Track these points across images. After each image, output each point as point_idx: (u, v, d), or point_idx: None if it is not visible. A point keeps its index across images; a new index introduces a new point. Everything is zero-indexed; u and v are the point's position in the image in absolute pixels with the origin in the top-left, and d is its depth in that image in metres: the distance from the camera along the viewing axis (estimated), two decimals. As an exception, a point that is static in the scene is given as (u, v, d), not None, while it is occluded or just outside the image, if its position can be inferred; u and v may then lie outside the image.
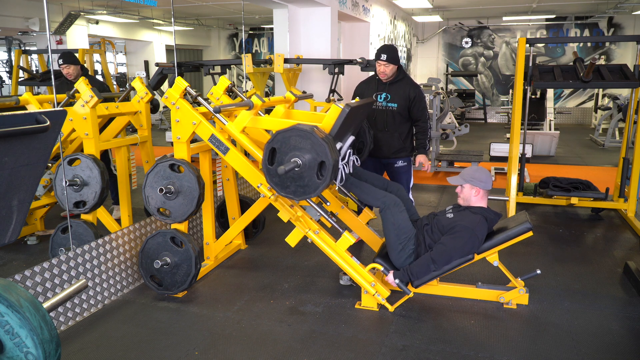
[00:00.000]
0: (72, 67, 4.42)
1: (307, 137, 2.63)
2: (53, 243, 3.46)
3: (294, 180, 2.72)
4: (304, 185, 2.71)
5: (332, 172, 2.64)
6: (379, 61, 3.78)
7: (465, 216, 3.00)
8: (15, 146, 1.27)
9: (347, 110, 2.78)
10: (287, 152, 2.70)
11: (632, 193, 4.79)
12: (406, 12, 11.75)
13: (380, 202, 3.09)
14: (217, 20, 12.99)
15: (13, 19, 5.72)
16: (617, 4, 10.36)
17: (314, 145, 2.62)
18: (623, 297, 3.20)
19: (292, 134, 2.67)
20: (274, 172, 2.76)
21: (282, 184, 2.76)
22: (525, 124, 5.35)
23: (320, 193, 2.74)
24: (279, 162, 2.73)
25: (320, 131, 2.66)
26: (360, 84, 4.09)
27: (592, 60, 4.42)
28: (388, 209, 3.06)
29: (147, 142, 4.11)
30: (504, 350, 2.59)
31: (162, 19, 9.78)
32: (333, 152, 2.64)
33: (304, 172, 2.68)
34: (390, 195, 3.13)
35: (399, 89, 3.86)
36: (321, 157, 2.63)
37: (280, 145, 2.71)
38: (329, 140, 2.65)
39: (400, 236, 3.02)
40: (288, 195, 2.77)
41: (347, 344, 2.65)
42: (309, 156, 2.65)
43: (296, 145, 2.66)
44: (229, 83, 3.63)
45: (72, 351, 2.60)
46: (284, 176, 2.71)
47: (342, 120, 2.80)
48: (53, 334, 1.25)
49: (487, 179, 3.07)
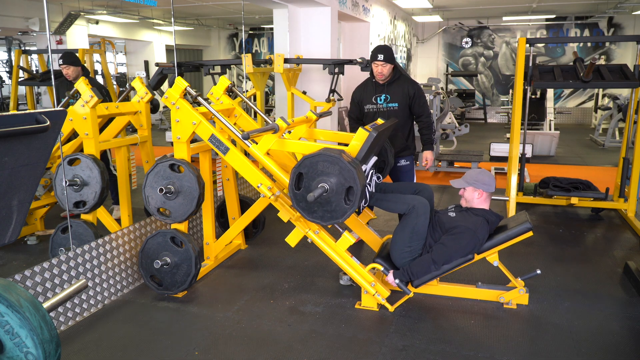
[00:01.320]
0: (71, 68, 4.39)
1: (335, 163, 2.61)
2: (53, 243, 3.46)
3: (321, 205, 2.70)
4: (332, 210, 2.69)
5: (360, 197, 2.62)
6: (376, 62, 3.73)
7: (467, 217, 3.00)
8: (15, 146, 1.27)
9: (374, 135, 2.78)
10: (314, 177, 2.67)
11: (632, 193, 4.79)
12: (406, 12, 11.75)
13: (410, 206, 3.02)
14: (217, 20, 12.99)
15: (13, 19, 5.72)
16: (617, 4, 10.36)
17: (342, 170, 2.61)
18: (623, 297, 3.20)
19: (319, 159, 2.65)
20: (301, 197, 2.73)
21: (309, 209, 2.74)
22: (525, 124, 5.35)
23: (348, 218, 2.71)
24: (306, 187, 2.70)
25: (347, 155, 2.65)
26: (356, 90, 4.01)
27: (592, 60, 4.42)
28: (415, 211, 2.99)
29: (147, 142, 4.11)
30: (504, 350, 2.59)
31: (162, 19, 9.78)
32: (361, 176, 2.63)
33: (332, 197, 2.66)
34: (419, 198, 3.05)
35: (397, 89, 3.83)
36: (349, 183, 2.61)
37: (308, 170, 2.68)
38: (357, 165, 2.64)
39: (413, 240, 3.00)
40: (315, 220, 2.75)
41: (347, 344, 2.65)
42: (336, 181, 2.63)
43: (323, 171, 2.64)
44: (229, 83, 3.64)
45: (72, 351, 2.60)
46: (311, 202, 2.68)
47: (369, 144, 2.80)
48: (53, 334, 1.25)
49: (491, 182, 3.07)
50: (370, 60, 3.79)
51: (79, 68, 4.47)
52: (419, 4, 10.09)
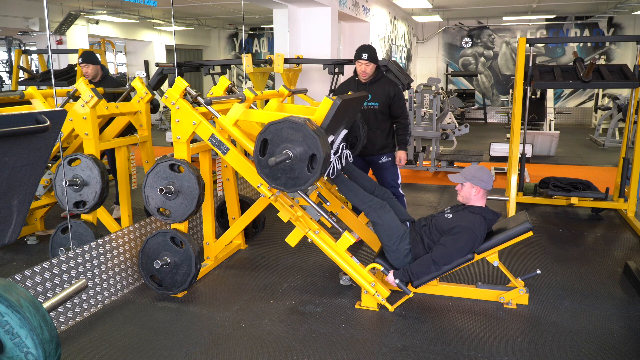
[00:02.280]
0: (90, 67, 4.48)
1: (299, 130, 2.63)
2: (53, 243, 3.46)
3: (284, 172, 2.72)
4: (295, 178, 2.71)
5: (323, 166, 2.64)
6: (359, 61, 3.83)
7: (464, 216, 3.00)
8: (15, 146, 1.27)
9: (338, 103, 2.78)
10: (278, 144, 2.70)
11: (632, 193, 4.79)
12: (406, 12, 11.75)
13: (366, 206, 3.11)
14: (217, 20, 12.99)
15: (13, 19, 5.72)
16: (617, 4, 10.36)
17: (306, 137, 2.62)
18: (623, 297, 3.20)
19: (284, 126, 2.67)
20: (265, 164, 2.76)
21: (273, 176, 2.77)
22: (525, 124, 5.35)
23: (310, 185, 2.74)
24: (270, 154, 2.73)
25: (312, 124, 2.66)
26: (340, 86, 4.14)
27: (592, 60, 4.42)
28: (373, 211, 3.08)
29: (147, 142, 4.11)
30: (504, 350, 2.59)
31: (162, 19, 9.78)
32: (324, 145, 2.64)
33: (295, 165, 2.68)
34: (375, 199, 3.14)
35: (378, 88, 3.92)
36: (312, 150, 2.63)
37: (272, 136, 2.71)
38: (321, 133, 2.65)
39: (392, 236, 3.02)
40: (278, 186, 2.77)
41: (347, 344, 2.65)
42: (300, 149, 2.65)
43: (288, 137, 2.66)
44: (229, 83, 3.63)
45: (72, 351, 2.60)
46: (274, 168, 2.72)
47: (334, 112, 2.79)
48: (53, 334, 1.25)
49: (489, 179, 3.07)
50: (354, 58, 3.88)
51: (97, 66, 4.53)
52: (419, 4, 10.09)
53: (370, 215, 3.10)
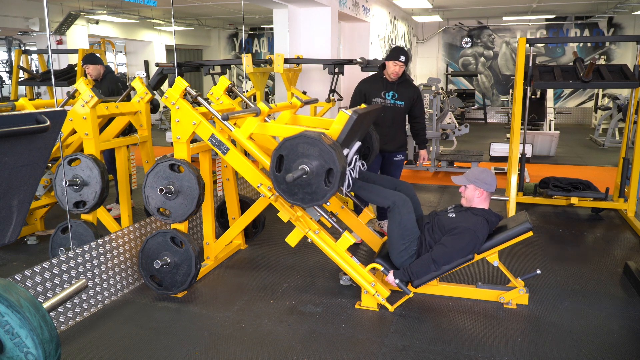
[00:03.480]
0: (90, 67, 4.56)
1: (315, 144, 2.62)
2: (53, 243, 3.46)
3: (301, 187, 2.71)
4: (312, 192, 2.70)
5: (339, 179, 2.63)
6: (396, 61, 3.92)
7: (466, 217, 2.99)
8: (15, 146, 1.28)
9: (354, 117, 2.78)
10: (294, 159, 2.68)
11: (632, 193, 4.79)
12: (406, 12, 11.75)
13: (390, 202, 3.07)
14: (217, 20, 12.99)
15: (13, 19, 5.72)
16: (617, 4, 10.36)
17: (322, 152, 2.61)
18: (623, 297, 3.20)
19: (299, 141, 2.66)
20: (281, 180, 2.75)
21: (290, 191, 2.75)
22: (525, 124, 5.35)
23: (328, 200, 2.73)
24: (286, 169, 2.71)
25: (327, 138, 2.65)
26: (363, 83, 4.19)
27: (592, 60, 4.42)
28: (397, 208, 3.03)
29: (147, 142, 4.11)
30: (504, 350, 2.59)
31: (162, 19, 9.79)
32: (341, 159, 2.63)
33: (312, 179, 2.67)
34: (399, 194, 3.10)
35: (404, 89, 4.09)
36: (329, 164, 2.62)
37: (288, 152, 2.70)
38: (337, 147, 2.65)
39: (405, 236, 3.01)
40: (296, 202, 2.76)
41: (347, 344, 2.65)
42: (316, 163, 2.64)
43: (304, 152, 2.65)
44: (229, 83, 3.64)
45: (72, 351, 2.60)
46: (291, 183, 2.70)
47: (350, 127, 2.80)
48: (53, 334, 1.25)
49: (492, 182, 3.07)
50: (391, 58, 3.96)
51: (98, 66, 4.58)
52: (419, 4, 10.09)
53: (391, 212, 3.05)
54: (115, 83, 4.69)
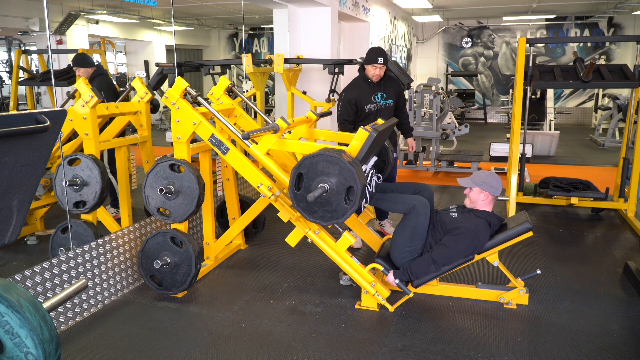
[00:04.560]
0: (80, 70, 4.49)
1: (335, 163, 2.61)
2: (53, 243, 3.46)
3: (321, 205, 2.70)
4: (332, 211, 2.69)
5: (360, 197, 2.62)
6: (375, 64, 3.88)
7: (469, 219, 2.99)
8: (15, 146, 1.28)
9: (374, 135, 2.78)
10: (314, 178, 2.67)
11: (632, 193, 4.79)
12: (406, 12, 11.75)
13: (410, 206, 3.02)
14: (217, 20, 12.99)
15: (13, 19, 5.72)
16: (617, 4, 10.36)
17: (342, 170, 2.61)
18: (623, 297, 3.20)
19: (319, 159, 2.65)
20: (301, 198, 2.73)
21: (310, 210, 2.73)
22: (525, 124, 5.35)
23: (348, 218, 2.72)
24: (306, 187, 2.70)
25: (347, 155, 2.65)
26: (349, 91, 4.00)
27: (592, 60, 4.42)
28: (415, 211, 3.00)
29: (147, 142, 4.11)
30: (504, 350, 2.59)
31: (162, 19, 9.78)
32: (361, 176, 2.63)
33: (332, 198, 2.66)
34: (420, 198, 3.05)
35: (389, 86, 4.08)
36: (349, 182, 2.61)
37: (308, 170, 2.68)
38: (357, 165, 2.65)
39: (414, 239, 3.00)
40: (316, 220, 2.75)
41: (347, 344, 2.65)
42: (336, 181, 2.63)
43: (323, 171, 2.64)
44: (229, 83, 3.64)
45: (72, 351, 2.60)
46: (312, 202, 2.68)
47: (370, 144, 2.80)
48: (53, 334, 1.25)
49: (498, 186, 3.08)
50: (368, 62, 3.91)
51: (88, 69, 4.49)
52: (419, 4, 10.09)
53: (409, 214, 3.02)
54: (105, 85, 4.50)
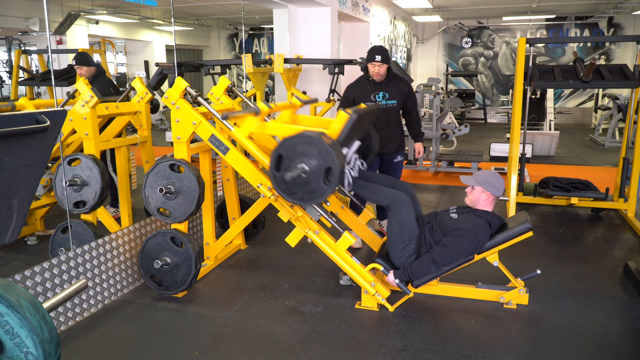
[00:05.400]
0: (84, 68, 4.49)
1: (314, 144, 2.63)
2: (53, 243, 3.46)
3: (300, 186, 2.71)
4: (311, 191, 2.71)
5: (338, 178, 2.64)
6: (373, 62, 3.88)
7: (469, 219, 2.99)
8: (15, 146, 1.27)
9: (354, 117, 2.79)
10: (293, 159, 2.69)
11: (632, 193, 4.79)
12: (406, 12, 11.75)
13: (390, 200, 3.08)
14: (217, 20, 12.99)
15: (13, 19, 5.72)
16: (617, 4, 10.36)
17: (321, 151, 2.62)
18: (623, 297, 3.20)
19: (298, 141, 2.66)
20: (280, 179, 2.75)
21: (289, 190, 2.76)
22: (525, 124, 5.35)
23: (326, 198, 2.74)
24: (285, 169, 2.72)
25: (327, 137, 2.66)
26: (351, 88, 4.11)
27: (592, 60, 4.42)
28: (397, 206, 3.04)
29: (147, 142, 4.11)
30: (504, 350, 2.59)
31: (162, 19, 9.79)
32: (340, 158, 2.64)
33: (311, 178, 2.67)
34: (399, 193, 3.11)
35: (394, 87, 4.02)
36: (328, 163, 2.62)
37: (287, 151, 2.70)
38: (336, 147, 2.65)
39: (404, 234, 3.01)
40: (295, 201, 2.77)
41: (347, 344, 2.65)
42: (315, 162, 2.64)
43: (303, 152, 2.66)
44: (229, 83, 3.64)
45: (72, 351, 2.60)
46: (290, 182, 2.71)
47: (350, 127, 2.80)
48: (53, 334, 1.25)
49: (500, 186, 3.08)
50: (367, 60, 3.93)
51: (91, 68, 4.51)
52: (419, 4, 10.09)
53: (391, 210, 3.06)
54: (107, 85, 4.57)
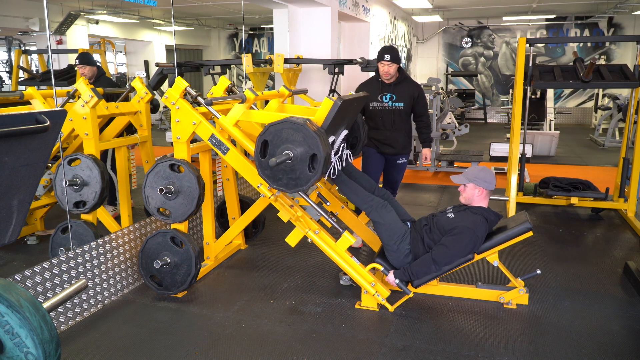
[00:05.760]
0: (87, 68, 4.53)
1: (299, 130, 2.63)
2: (53, 243, 3.46)
3: (285, 172, 2.72)
4: (296, 178, 2.71)
5: (323, 165, 2.65)
6: (382, 62, 3.84)
7: (466, 217, 2.99)
8: (15, 146, 1.27)
9: (339, 103, 2.78)
10: (279, 145, 2.70)
11: (632, 193, 4.79)
12: (406, 12, 11.75)
13: (367, 205, 3.13)
14: (217, 20, 12.99)
15: (13, 19, 5.72)
16: (617, 4, 10.36)
17: (306, 138, 2.62)
18: (623, 297, 3.20)
19: (284, 127, 2.67)
20: (265, 165, 2.76)
21: (274, 177, 2.77)
22: (525, 124, 5.35)
23: (311, 186, 2.74)
24: (271, 155, 2.73)
25: (312, 124, 2.66)
26: (361, 87, 4.13)
27: (592, 60, 4.42)
28: (375, 210, 3.09)
29: (147, 142, 4.11)
30: (504, 350, 2.59)
31: (162, 19, 9.78)
32: (325, 145, 2.65)
33: (296, 165, 2.68)
34: (376, 198, 3.16)
35: (403, 89, 3.96)
36: (313, 150, 2.63)
37: (272, 137, 2.71)
38: (321, 133, 2.66)
39: (393, 235, 3.03)
40: (280, 187, 2.77)
41: (347, 344, 2.65)
42: (300, 149, 2.65)
43: (288, 138, 2.66)
44: (229, 83, 3.63)
45: (72, 351, 2.60)
46: (275, 169, 2.72)
47: (335, 113, 2.80)
48: (53, 334, 1.24)
49: (491, 180, 3.07)
50: (377, 60, 3.90)
51: (94, 68, 4.58)
52: (419, 4, 10.09)
53: (371, 215, 3.11)
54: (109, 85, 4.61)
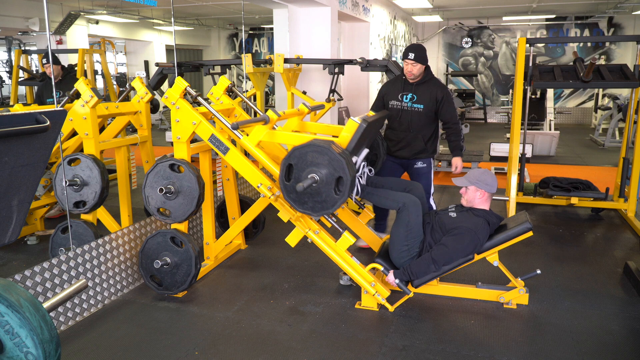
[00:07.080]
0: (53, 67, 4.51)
1: (324, 153, 2.62)
2: (53, 243, 3.46)
3: (311, 196, 2.70)
4: (322, 201, 2.69)
5: (349, 188, 2.63)
6: (406, 60, 3.68)
7: (467, 218, 2.99)
8: (15, 146, 1.28)
9: (364, 126, 2.78)
10: (304, 168, 2.68)
11: (632, 193, 4.79)
12: (406, 12, 11.75)
13: (400, 204, 3.05)
14: (217, 20, 12.99)
15: (13, 19, 5.72)
16: (617, 4, 10.36)
17: (331, 161, 2.61)
18: (623, 297, 3.20)
19: (309, 150, 2.65)
20: (291, 189, 2.74)
21: (300, 200, 2.74)
22: (525, 124, 5.35)
23: (338, 208, 2.71)
24: (296, 178, 2.71)
25: (337, 146, 2.65)
26: (386, 84, 3.99)
27: (592, 60, 4.42)
28: (406, 209, 3.02)
29: (147, 142, 4.11)
30: (504, 350, 2.59)
31: (162, 19, 9.79)
32: (350, 167, 2.63)
33: (322, 188, 2.66)
34: (409, 196, 3.09)
35: (425, 90, 3.77)
36: (339, 173, 2.61)
37: (297, 161, 2.69)
38: (346, 156, 2.64)
39: (409, 237, 3.01)
40: (306, 211, 2.75)
41: (347, 344, 2.65)
42: (326, 172, 2.63)
43: (313, 161, 2.64)
44: (229, 83, 3.64)
45: (72, 351, 2.60)
46: (301, 192, 2.69)
47: (360, 135, 2.80)
48: (53, 334, 1.25)
49: (493, 182, 3.07)
50: (402, 57, 3.75)
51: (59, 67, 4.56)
52: (419, 4, 10.09)
53: (400, 212, 3.04)
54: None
